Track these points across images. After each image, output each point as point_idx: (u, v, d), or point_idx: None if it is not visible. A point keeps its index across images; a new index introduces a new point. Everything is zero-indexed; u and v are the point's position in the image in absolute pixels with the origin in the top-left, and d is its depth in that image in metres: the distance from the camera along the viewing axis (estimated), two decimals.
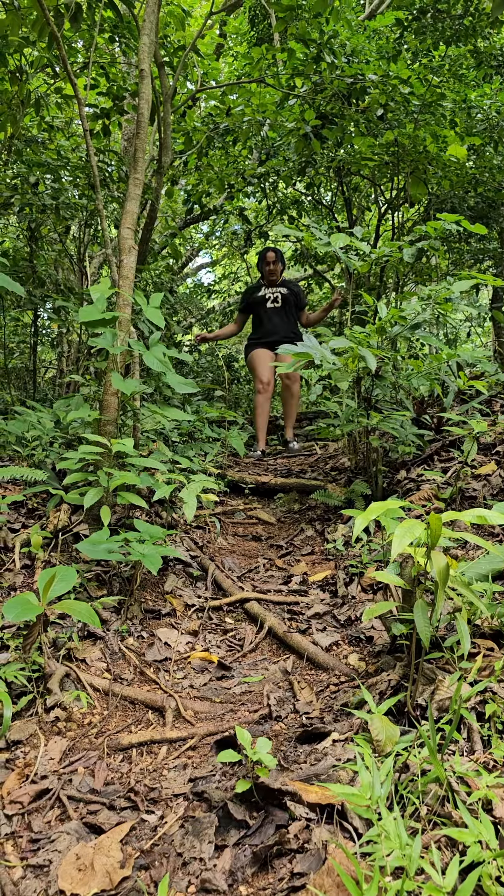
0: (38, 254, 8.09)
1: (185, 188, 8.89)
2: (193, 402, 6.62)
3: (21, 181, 7.05)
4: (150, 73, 4.55)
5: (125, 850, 1.87)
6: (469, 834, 1.54)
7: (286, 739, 2.38)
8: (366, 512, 2.21)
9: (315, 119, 6.81)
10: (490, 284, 4.39)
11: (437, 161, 6.63)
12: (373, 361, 3.77)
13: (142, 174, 4.34)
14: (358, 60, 6.62)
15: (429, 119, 6.38)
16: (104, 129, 7.04)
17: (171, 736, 2.47)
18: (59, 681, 2.67)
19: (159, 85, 6.24)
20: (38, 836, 1.93)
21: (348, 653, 3.00)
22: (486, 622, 2.67)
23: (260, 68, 7.11)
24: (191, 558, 4.02)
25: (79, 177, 7.30)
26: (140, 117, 4.42)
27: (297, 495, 5.37)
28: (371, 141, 6.57)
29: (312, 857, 1.69)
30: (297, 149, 7.10)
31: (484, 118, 6.98)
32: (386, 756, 1.99)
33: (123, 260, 4.16)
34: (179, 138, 7.71)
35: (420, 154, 6.55)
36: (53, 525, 3.72)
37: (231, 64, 11.58)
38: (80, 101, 4.44)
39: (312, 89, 6.79)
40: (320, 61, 6.48)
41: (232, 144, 8.12)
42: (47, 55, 6.21)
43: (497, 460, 4.45)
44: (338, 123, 6.85)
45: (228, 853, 1.80)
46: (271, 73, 7.03)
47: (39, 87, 7.08)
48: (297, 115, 6.97)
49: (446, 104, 6.36)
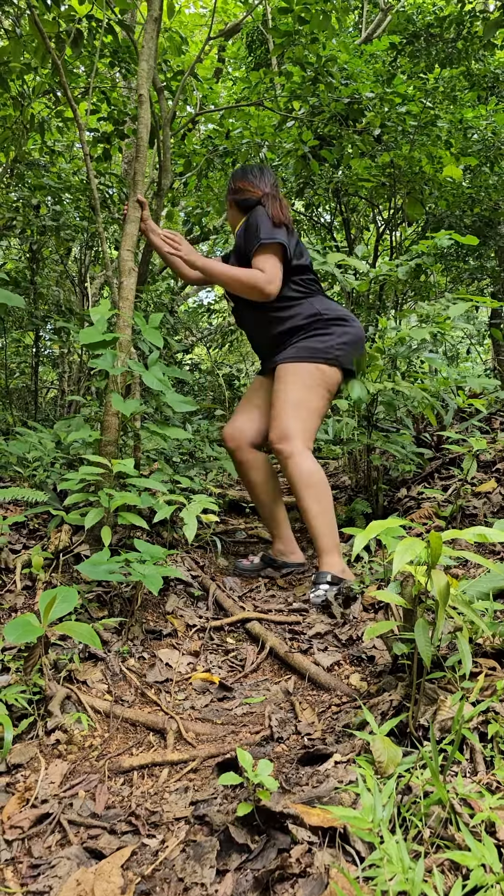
0: (40, 274, 8.16)
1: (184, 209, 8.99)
2: (194, 422, 6.65)
3: (23, 204, 7.13)
4: (149, 97, 4.61)
5: (126, 876, 1.85)
6: (472, 857, 1.53)
7: (288, 761, 2.36)
8: (366, 530, 2.21)
9: (313, 140, 6.90)
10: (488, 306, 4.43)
11: (433, 181, 6.70)
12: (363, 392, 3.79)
13: (141, 197, 4.39)
14: (355, 83, 6.72)
15: (424, 140, 6.46)
16: (105, 154, 7.13)
17: (172, 758, 2.46)
18: (60, 703, 2.66)
19: (158, 109, 6.33)
20: (38, 862, 1.91)
21: (350, 672, 2.98)
22: (488, 641, 2.66)
23: (258, 92, 7.22)
24: (192, 578, 4.02)
25: (80, 199, 7.39)
26: (139, 141, 4.48)
27: (298, 514, 5.37)
28: (368, 162, 6.65)
29: (315, 881, 1.67)
30: (295, 170, 7.19)
31: (480, 139, 7.07)
32: (388, 777, 1.98)
33: (123, 282, 4.19)
34: (179, 161, 7.80)
35: (416, 175, 6.63)
36: (54, 546, 3.73)
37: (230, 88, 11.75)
38: (80, 126, 4.51)
39: (310, 112, 6.89)
40: (318, 83, 6.58)
41: (231, 166, 8.21)
42: (49, 81, 6.31)
43: (497, 478, 4.45)
44: (336, 144, 6.94)
45: (230, 878, 1.78)
46: (269, 96, 7.14)
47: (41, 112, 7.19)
48: (296, 137, 7.06)
49: (442, 125, 6.45)
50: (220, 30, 10.10)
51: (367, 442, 4.45)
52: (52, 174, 7.23)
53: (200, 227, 9.19)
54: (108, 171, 7.55)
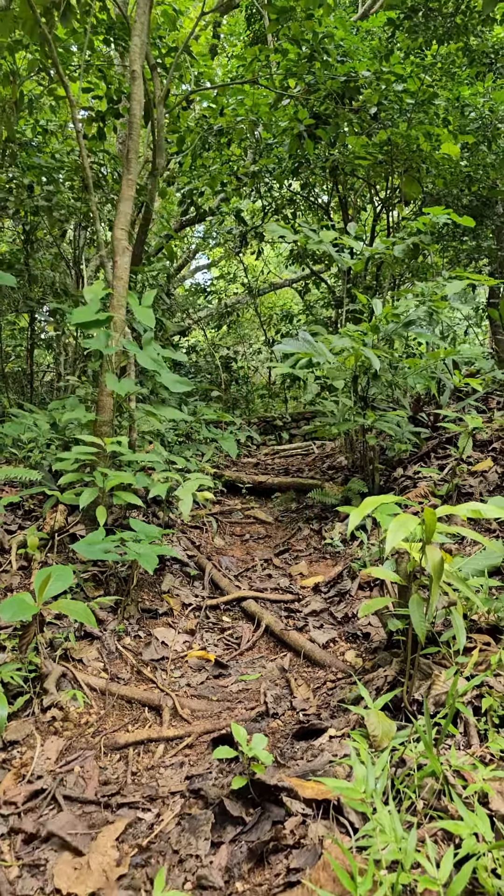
0: (34, 257, 8.09)
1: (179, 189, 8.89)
2: (190, 404, 6.62)
3: (16, 185, 7.05)
4: (141, 74, 4.55)
5: (121, 849, 1.86)
6: (464, 827, 1.53)
7: (283, 736, 2.37)
8: (359, 507, 2.21)
9: (309, 119, 6.81)
10: (485, 284, 4.39)
11: (431, 159, 6.63)
12: (377, 362, 3.77)
13: (134, 175, 4.34)
14: (351, 60, 6.62)
15: (422, 118, 6.38)
16: (99, 133, 7.04)
17: (168, 734, 2.46)
18: (56, 681, 2.66)
19: (152, 86, 6.25)
20: (34, 836, 1.92)
21: (345, 649, 2.99)
22: (483, 617, 2.67)
23: (253, 69, 7.12)
24: (188, 558, 4.02)
25: (73, 179, 7.30)
26: (132, 118, 4.42)
27: (295, 494, 5.37)
28: (365, 140, 6.57)
29: (308, 852, 1.68)
30: (290, 149, 7.10)
31: (478, 116, 6.99)
32: (382, 751, 1.99)
33: (117, 261, 4.15)
34: (172, 138, 7.70)
35: (413, 153, 6.55)
36: (50, 526, 3.72)
37: (226, 65, 11.59)
38: (72, 102, 4.45)
39: (306, 89, 6.80)
40: (314, 61, 6.49)
41: (227, 146, 8.12)
42: (41, 59, 6.21)
43: (493, 457, 4.44)
44: (331, 123, 6.85)
45: (225, 850, 1.79)
46: (265, 73, 7.04)
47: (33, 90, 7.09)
48: (291, 115, 6.97)
49: (439, 102, 6.36)
50: (215, 3, 9.94)
51: (363, 422, 4.44)
52: (45, 154, 7.14)
53: (196, 207, 9.10)
54: (102, 150, 7.45)
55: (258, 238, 10.43)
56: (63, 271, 8.94)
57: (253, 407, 10.74)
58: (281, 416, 8.63)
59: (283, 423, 8.47)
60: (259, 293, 12.71)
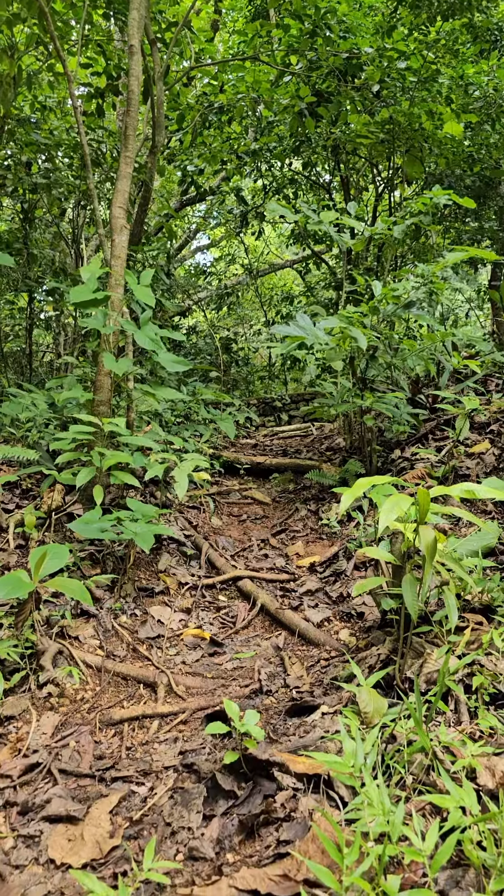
0: (33, 236, 8.04)
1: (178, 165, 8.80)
2: (189, 384, 6.61)
3: (14, 162, 6.99)
4: (140, 49, 4.49)
5: (115, 821, 1.89)
6: (451, 800, 1.56)
7: (276, 713, 2.40)
8: (353, 487, 2.22)
9: (310, 96, 6.74)
10: (487, 259, 4.36)
11: (433, 139, 6.56)
12: (363, 341, 3.76)
13: (133, 152, 4.31)
14: (354, 36, 6.53)
15: (424, 96, 6.30)
16: (98, 109, 6.96)
17: (162, 710, 2.49)
18: (52, 657, 2.69)
19: (152, 62, 6.17)
20: (28, 808, 1.95)
21: (339, 628, 3.01)
22: (476, 597, 2.69)
23: (255, 45, 7.02)
24: (185, 537, 4.03)
25: (72, 156, 7.24)
26: (130, 95, 4.38)
27: (292, 475, 5.38)
28: (367, 119, 6.50)
29: (299, 825, 1.71)
30: (291, 127, 7.03)
31: (481, 95, 6.90)
32: (373, 727, 2.01)
33: (115, 239, 4.13)
34: (172, 115, 7.62)
35: (416, 132, 6.48)
36: (47, 505, 3.73)
37: (227, 41, 11.43)
38: (70, 77, 4.40)
39: (308, 66, 6.71)
40: (316, 37, 6.40)
41: (227, 124, 8.03)
42: (39, 33, 6.12)
43: (491, 439, 4.45)
44: (333, 101, 6.78)
45: (216, 822, 1.82)
46: (266, 50, 6.95)
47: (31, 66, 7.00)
48: (293, 93, 6.89)
49: (442, 80, 6.29)
50: None
51: (361, 403, 4.43)
52: (43, 131, 7.07)
53: (196, 187, 9.03)
54: (100, 127, 7.37)
55: (259, 218, 10.35)
56: (62, 250, 8.89)
57: (253, 388, 10.72)
58: (280, 397, 8.62)
59: (283, 404, 8.46)
60: (259, 274, 12.63)
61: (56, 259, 8.87)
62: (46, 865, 1.74)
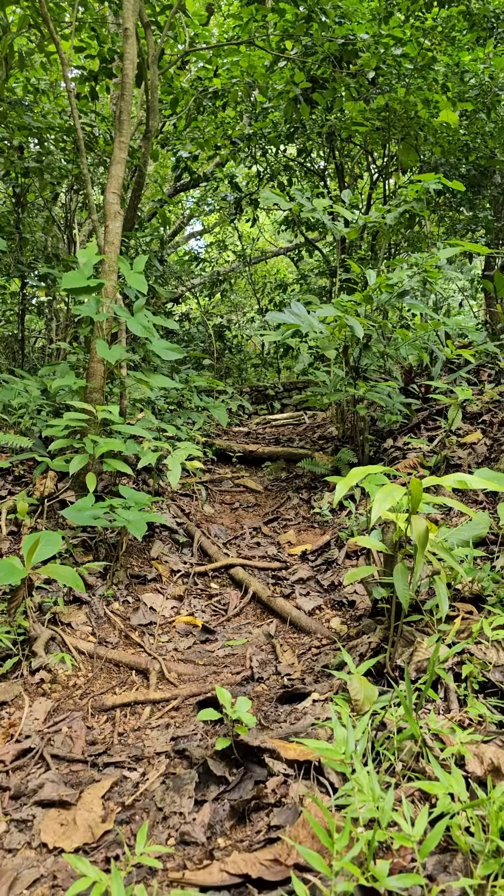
0: (25, 220, 7.97)
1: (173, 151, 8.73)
2: (182, 372, 6.60)
3: (6, 145, 6.92)
4: (135, 32, 4.44)
5: (107, 806, 1.91)
6: (440, 787, 1.58)
7: (267, 700, 2.42)
8: (346, 477, 2.22)
9: (305, 82, 6.69)
10: (481, 254, 4.36)
11: (429, 127, 6.53)
12: (360, 330, 3.76)
13: (126, 137, 4.27)
14: (349, 22, 6.48)
15: (420, 83, 6.27)
16: (92, 93, 6.89)
17: (154, 697, 2.51)
18: (45, 644, 2.69)
19: (146, 45, 6.10)
20: (21, 793, 1.96)
21: (331, 616, 3.04)
22: (467, 586, 2.71)
23: (250, 30, 6.95)
24: (177, 525, 4.04)
25: (64, 139, 7.17)
26: (125, 78, 4.33)
27: (285, 464, 5.39)
28: (362, 106, 6.46)
29: (289, 810, 1.73)
30: (286, 113, 6.98)
31: (477, 83, 6.86)
32: (364, 715, 2.03)
33: (108, 225, 4.10)
34: (166, 100, 7.55)
35: (411, 120, 6.45)
36: (40, 492, 3.73)
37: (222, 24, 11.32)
38: (63, 60, 4.35)
39: (303, 52, 6.66)
40: (311, 22, 6.35)
41: (222, 109, 7.97)
42: (31, 15, 6.04)
43: (483, 429, 4.47)
44: (328, 87, 6.73)
45: (208, 808, 1.84)
46: (261, 34, 6.88)
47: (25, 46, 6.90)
48: (288, 78, 6.84)
49: (438, 68, 6.25)
50: None
51: (354, 392, 4.44)
52: (35, 114, 6.99)
53: (190, 172, 8.96)
54: (94, 111, 7.30)
55: (253, 205, 10.29)
56: (55, 235, 8.82)
57: (246, 376, 10.70)
58: (273, 385, 8.62)
59: (276, 392, 8.46)
60: (252, 261, 12.58)
61: (49, 244, 8.80)
62: (39, 849, 1.76)
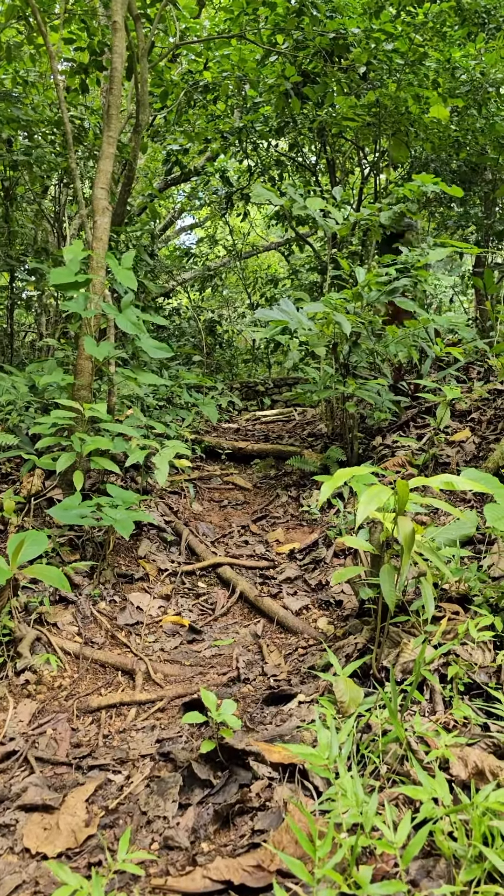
0: (14, 214, 7.91)
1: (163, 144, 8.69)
2: (172, 368, 6.57)
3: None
4: (124, 24, 4.40)
5: (90, 810, 1.90)
6: (424, 791, 1.57)
7: (253, 701, 2.41)
8: (333, 478, 2.22)
9: (296, 76, 6.66)
10: (470, 253, 4.36)
11: (419, 123, 6.52)
12: (347, 326, 3.74)
13: (115, 132, 4.23)
14: (341, 16, 6.45)
15: (411, 79, 6.25)
16: (82, 86, 6.83)
17: (140, 698, 2.50)
18: (30, 644, 2.68)
19: (136, 38, 6.05)
20: (4, 797, 1.95)
21: (318, 616, 3.03)
22: (453, 587, 2.71)
23: (241, 23, 6.91)
24: (165, 523, 4.03)
25: (54, 132, 7.10)
26: (114, 72, 4.30)
27: (274, 461, 5.38)
28: (353, 101, 6.44)
29: (273, 814, 1.72)
30: (277, 107, 6.95)
31: (468, 80, 6.85)
32: (349, 717, 2.03)
33: (97, 221, 4.07)
34: (157, 93, 7.49)
35: (402, 115, 6.43)
36: (27, 490, 3.70)
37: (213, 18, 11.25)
38: (52, 53, 4.30)
39: (294, 46, 6.62)
40: (302, 16, 6.31)
41: (213, 102, 7.92)
42: (20, 5, 5.98)
43: (472, 427, 4.47)
44: (320, 82, 6.70)
45: (192, 811, 1.83)
46: (252, 28, 6.84)
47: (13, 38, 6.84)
48: (278, 73, 6.81)
49: (429, 63, 6.23)
50: None
51: (344, 390, 4.43)
52: (24, 106, 6.93)
53: (181, 166, 8.91)
54: (83, 104, 7.24)
55: (244, 199, 10.25)
56: (45, 229, 8.76)
57: (236, 371, 10.68)
58: (263, 381, 8.60)
59: (266, 388, 8.44)
60: (243, 256, 12.53)
61: (38, 237, 8.74)
62: (21, 855, 1.74)
